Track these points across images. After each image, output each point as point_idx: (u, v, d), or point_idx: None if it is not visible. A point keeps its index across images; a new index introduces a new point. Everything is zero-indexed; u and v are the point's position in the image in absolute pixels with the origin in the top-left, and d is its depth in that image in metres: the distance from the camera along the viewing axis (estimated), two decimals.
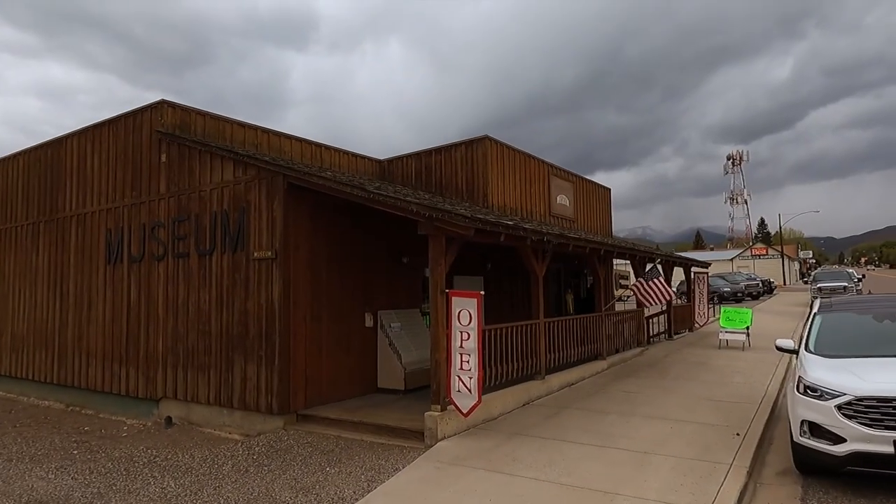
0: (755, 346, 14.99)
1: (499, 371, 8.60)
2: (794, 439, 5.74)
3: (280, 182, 8.81)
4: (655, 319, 17.77)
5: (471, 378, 6.99)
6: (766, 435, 7.42)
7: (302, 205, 9.03)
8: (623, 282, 17.27)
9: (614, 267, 20.12)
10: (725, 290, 36.24)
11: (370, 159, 15.34)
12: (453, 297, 7.20)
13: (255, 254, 9.01)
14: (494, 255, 14.08)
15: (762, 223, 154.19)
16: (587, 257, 11.79)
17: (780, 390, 10.00)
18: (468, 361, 7.01)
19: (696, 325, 19.99)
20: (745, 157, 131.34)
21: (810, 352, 6.30)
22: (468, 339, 7.03)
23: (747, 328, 14.86)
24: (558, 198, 17.15)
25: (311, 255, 9.17)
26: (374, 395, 10.01)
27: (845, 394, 5.31)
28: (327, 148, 13.75)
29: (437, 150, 14.59)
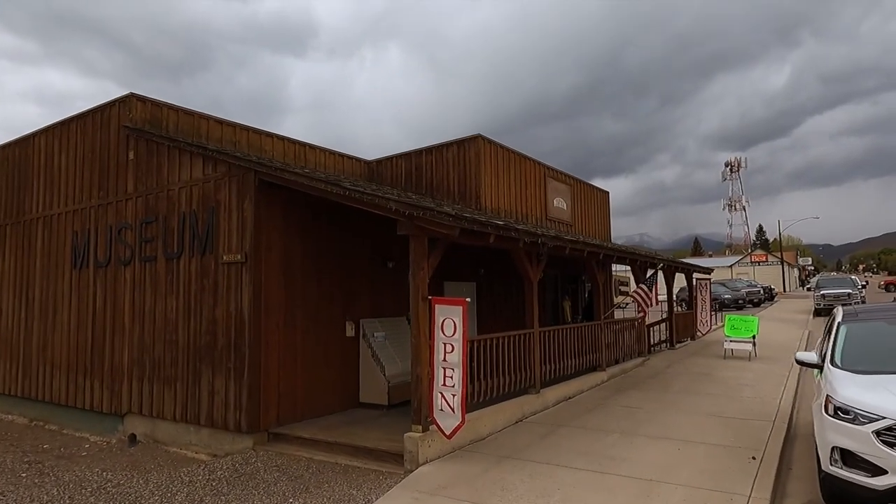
0: (761, 355, 14.29)
1: (489, 385, 7.86)
2: (823, 468, 5.01)
3: (251, 179, 8.09)
4: (657, 328, 17.04)
5: (454, 396, 6.25)
6: (785, 458, 6.68)
7: (275, 204, 8.32)
8: (623, 288, 16.54)
9: (613, 273, 19.42)
10: (726, 297, 35.54)
11: (358, 160, 14.67)
12: (437, 305, 6.48)
13: (224, 257, 8.28)
14: (488, 259, 13.37)
15: (760, 230, 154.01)
16: (585, 262, 11.09)
17: (793, 405, 9.27)
18: (452, 377, 6.28)
19: (699, 333, 19.28)
20: (742, 164, 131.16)
21: (837, 367, 5.57)
22: (452, 351, 6.30)
23: (754, 337, 14.14)
24: (555, 201, 16.47)
25: (285, 258, 8.45)
26: (355, 410, 9.26)
27: (885, 417, 4.58)
28: (312, 147, 13.06)
29: (428, 150, 13.91)
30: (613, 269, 19.44)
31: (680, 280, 20.06)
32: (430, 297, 6.55)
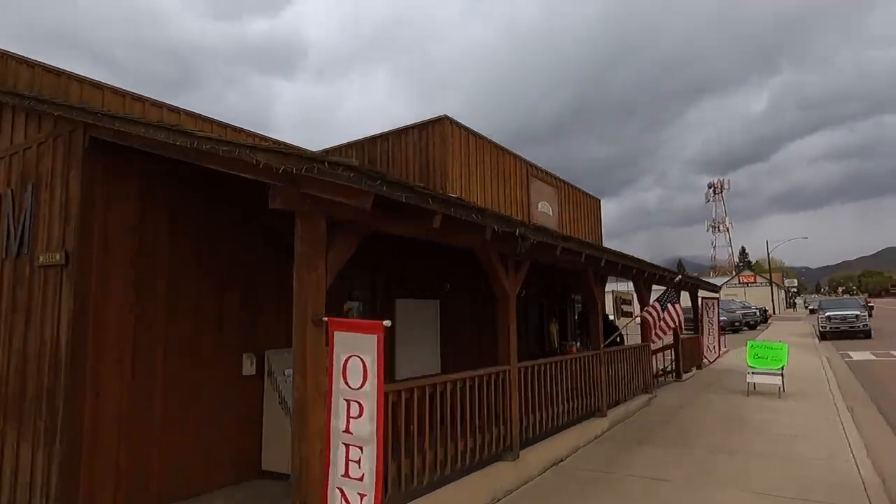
0: (789, 389, 11.69)
1: (439, 457, 5.09)
2: None
3: (79, 138, 5.32)
4: (659, 355, 14.39)
5: (363, 497, 3.46)
6: None
7: (124, 180, 5.54)
8: (626, 307, 13.89)
9: (613, 291, 16.77)
10: (722, 319, 33.09)
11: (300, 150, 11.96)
12: (336, 333, 3.73)
13: (41, 258, 5.47)
14: (457, 270, 10.65)
15: (743, 252, 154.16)
16: (581, 272, 8.44)
17: (876, 470, 6.59)
18: (360, 461, 3.50)
19: (706, 360, 16.67)
20: (726, 186, 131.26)
21: None
22: (360, 416, 3.54)
23: (783, 368, 11.53)
24: (539, 205, 13.90)
25: (139, 261, 5.63)
26: (253, 482, 6.39)
27: None
28: (236, 130, 10.32)
29: (384, 137, 11.31)
30: (615, 285, 16.86)
31: (683, 299, 17.52)
32: (325, 319, 3.80)
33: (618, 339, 11.22)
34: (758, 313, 38.02)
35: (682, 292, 16.12)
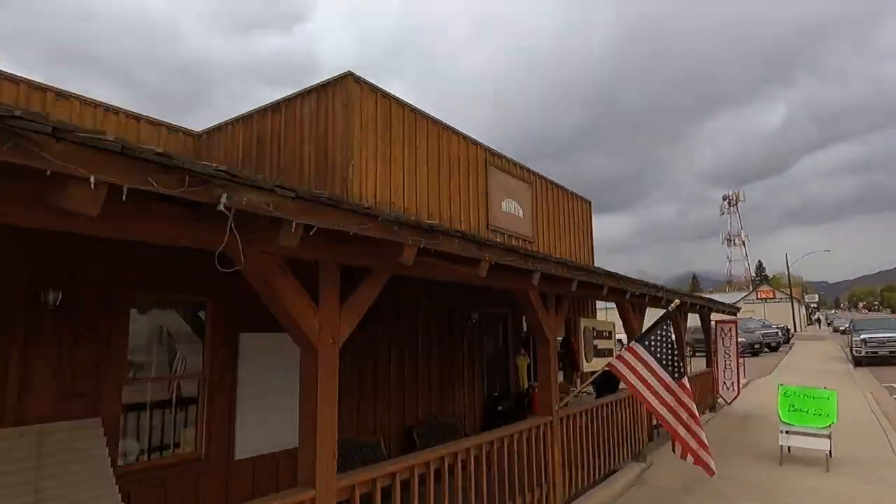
0: (837, 453, 8.39)
1: None
2: None
3: None
4: None
5: None
6: None
7: None
8: (602, 343, 10.49)
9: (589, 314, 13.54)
10: (739, 340, 29.59)
11: (184, 131, 9.44)
12: None
13: None
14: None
15: (760, 266, 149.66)
16: (516, 294, 5.29)
17: None
18: None
19: (721, 400, 13.37)
20: (741, 197, 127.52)
21: None
22: None
23: (831, 426, 8.22)
24: (503, 203, 10.84)
25: None
26: None
27: None
28: (116, 112, 8.07)
29: (275, 107, 8.39)
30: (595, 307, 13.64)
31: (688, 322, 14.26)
32: None
33: (598, 384, 8.05)
34: (780, 333, 34.31)
35: (691, 314, 12.89)
